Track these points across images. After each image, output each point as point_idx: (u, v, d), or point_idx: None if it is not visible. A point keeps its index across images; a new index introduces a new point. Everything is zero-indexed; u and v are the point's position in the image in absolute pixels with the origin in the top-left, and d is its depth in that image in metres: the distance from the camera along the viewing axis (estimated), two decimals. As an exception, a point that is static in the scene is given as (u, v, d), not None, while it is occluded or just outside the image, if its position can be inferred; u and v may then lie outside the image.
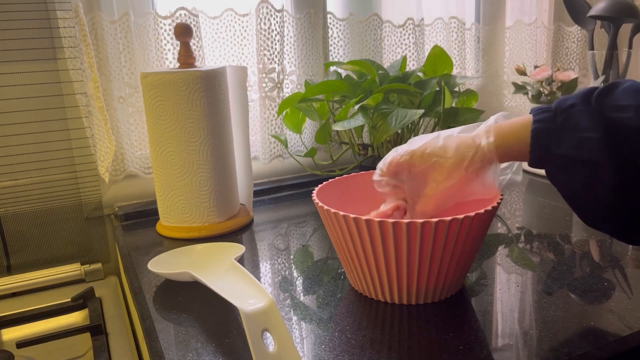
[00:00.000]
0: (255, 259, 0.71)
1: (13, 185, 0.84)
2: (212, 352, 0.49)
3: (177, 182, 0.77)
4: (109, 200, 0.91)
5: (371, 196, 0.68)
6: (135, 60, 0.87)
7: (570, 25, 1.26)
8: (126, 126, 0.90)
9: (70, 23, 0.81)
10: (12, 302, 0.78)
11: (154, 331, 0.54)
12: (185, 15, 0.88)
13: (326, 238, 0.76)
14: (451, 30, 1.14)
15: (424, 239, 0.50)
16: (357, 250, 0.54)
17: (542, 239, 0.73)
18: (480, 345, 0.48)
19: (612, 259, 0.66)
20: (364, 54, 1.06)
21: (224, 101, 0.79)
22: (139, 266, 0.69)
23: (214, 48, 0.94)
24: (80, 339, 0.69)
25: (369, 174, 0.68)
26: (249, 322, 0.45)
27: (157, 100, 0.74)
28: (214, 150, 0.77)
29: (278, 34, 0.95)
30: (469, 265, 0.57)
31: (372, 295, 0.58)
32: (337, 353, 0.48)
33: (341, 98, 0.93)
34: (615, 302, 0.55)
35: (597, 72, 1.09)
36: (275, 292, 0.61)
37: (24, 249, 0.86)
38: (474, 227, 0.52)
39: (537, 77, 1.07)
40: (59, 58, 0.83)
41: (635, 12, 1.03)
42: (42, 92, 0.83)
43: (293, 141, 1.04)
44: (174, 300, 0.60)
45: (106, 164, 0.85)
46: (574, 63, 1.29)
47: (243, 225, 0.82)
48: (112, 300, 0.78)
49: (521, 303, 0.56)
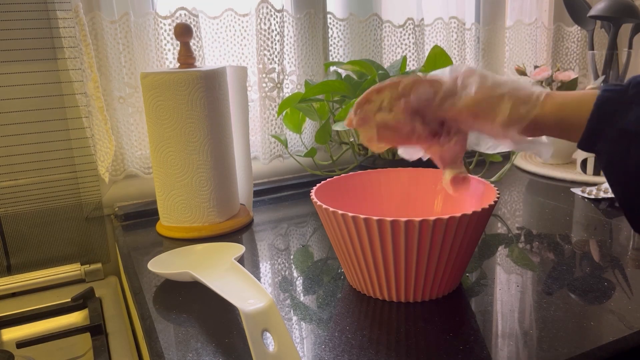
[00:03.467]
0: (255, 259, 0.71)
1: (13, 185, 0.84)
2: (212, 352, 0.49)
3: (177, 182, 0.77)
4: (109, 200, 0.91)
5: (369, 195, 0.68)
6: (135, 60, 0.87)
7: (570, 25, 1.26)
8: (126, 126, 0.90)
9: (70, 23, 0.81)
10: (12, 302, 0.78)
11: (154, 331, 0.54)
12: (185, 15, 0.88)
13: (326, 238, 0.76)
14: (451, 30, 1.14)
15: (422, 237, 0.50)
16: (356, 248, 0.54)
17: (542, 239, 0.73)
18: (480, 345, 0.48)
19: (612, 259, 0.66)
20: (364, 54, 1.06)
21: (224, 101, 0.79)
22: (139, 266, 0.69)
23: (214, 48, 0.94)
24: (80, 339, 0.69)
25: (367, 173, 0.68)
26: (249, 322, 0.45)
27: (157, 100, 0.74)
28: (214, 150, 0.77)
29: (278, 34, 0.95)
30: (466, 262, 0.58)
31: (370, 294, 0.58)
32: (337, 353, 0.48)
33: (341, 98, 0.93)
34: (615, 302, 0.55)
35: (597, 72, 1.09)
36: (275, 292, 0.61)
37: (24, 249, 0.86)
38: (471, 225, 0.52)
39: (537, 77, 1.07)
40: (59, 58, 0.83)
41: (635, 12, 1.04)
42: (42, 92, 0.83)
43: (293, 141, 1.04)
44: (174, 300, 0.60)
45: (106, 164, 0.85)
46: (574, 63, 1.29)
47: (243, 225, 0.82)
48: (112, 300, 0.78)
49: (521, 303, 0.56)
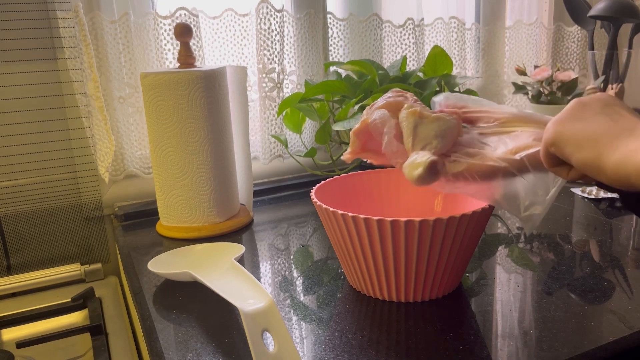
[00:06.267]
0: (255, 259, 0.71)
1: (13, 185, 0.84)
2: (212, 352, 0.49)
3: (177, 182, 0.77)
4: (109, 200, 0.91)
5: (369, 195, 0.68)
6: (135, 60, 0.87)
7: (570, 25, 1.26)
8: (126, 126, 0.90)
9: (70, 23, 0.81)
10: (12, 302, 0.78)
11: (154, 331, 0.54)
12: (185, 15, 0.88)
13: (326, 238, 0.76)
14: (451, 30, 1.13)
15: (422, 237, 0.50)
16: (356, 248, 0.54)
17: (542, 239, 0.73)
18: (480, 345, 0.48)
19: (612, 259, 0.66)
20: (364, 54, 1.06)
21: (224, 101, 0.79)
22: (139, 266, 0.69)
23: (214, 48, 0.94)
24: (80, 339, 0.69)
25: (367, 173, 0.68)
26: (249, 322, 0.45)
27: (157, 100, 0.74)
28: (214, 150, 0.77)
29: (278, 34, 0.95)
30: (466, 262, 0.58)
31: (370, 293, 0.58)
32: (337, 353, 0.48)
33: (341, 98, 0.93)
34: (615, 302, 0.55)
35: (597, 72, 1.09)
36: (275, 292, 0.61)
37: (24, 249, 0.86)
38: (471, 225, 0.52)
39: (537, 77, 1.07)
40: (59, 58, 0.83)
41: (635, 12, 1.03)
42: (42, 92, 0.83)
43: (293, 141, 1.04)
44: (174, 300, 0.60)
45: (106, 164, 0.85)
46: (574, 63, 1.29)
47: (243, 225, 0.82)
48: (112, 300, 0.78)
49: (521, 303, 0.56)
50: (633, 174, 0.34)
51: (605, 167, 0.36)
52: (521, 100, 1.25)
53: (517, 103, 1.26)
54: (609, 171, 0.36)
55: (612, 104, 0.40)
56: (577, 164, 0.38)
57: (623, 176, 0.35)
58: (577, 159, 0.38)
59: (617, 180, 0.36)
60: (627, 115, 0.39)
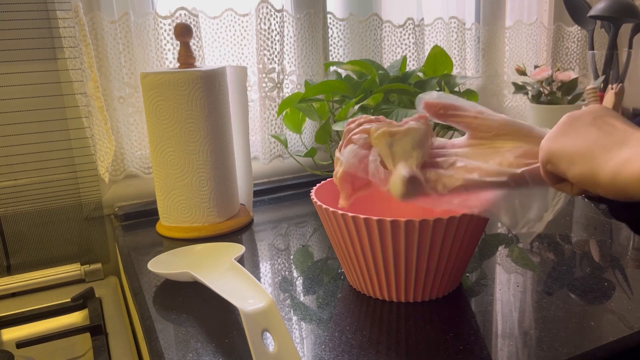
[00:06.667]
0: (255, 259, 0.71)
1: (13, 185, 0.84)
2: (212, 352, 0.49)
3: (177, 182, 0.77)
4: (109, 200, 0.91)
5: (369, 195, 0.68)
6: (135, 60, 0.87)
7: (570, 25, 1.26)
8: (126, 126, 0.90)
9: (70, 23, 0.81)
10: (12, 302, 0.78)
11: (154, 331, 0.54)
12: (185, 15, 0.88)
13: (326, 238, 0.76)
14: (451, 30, 1.13)
15: (421, 237, 0.50)
16: (356, 248, 0.54)
17: (542, 239, 0.73)
18: (480, 345, 0.48)
19: (612, 259, 0.66)
20: (364, 54, 1.06)
21: (224, 101, 0.79)
22: (138, 266, 0.69)
23: (214, 48, 0.94)
24: (80, 339, 0.69)
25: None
26: (249, 322, 0.45)
27: (157, 100, 0.74)
28: (214, 150, 0.77)
29: (278, 34, 0.95)
30: (466, 262, 0.58)
31: (370, 293, 0.58)
32: (337, 353, 0.48)
33: (341, 98, 0.93)
34: (615, 302, 0.55)
35: (597, 72, 1.09)
36: (275, 292, 0.61)
37: (24, 249, 0.86)
38: (471, 225, 0.52)
39: (537, 77, 1.07)
40: (59, 58, 0.83)
41: (635, 12, 1.04)
42: (42, 92, 0.83)
43: (293, 141, 1.04)
44: (174, 300, 0.60)
45: (106, 164, 0.85)
46: (574, 63, 1.29)
47: (243, 225, 0.82)
48: (112, 301, 0.78)
49: (521, 303, 0.56)
50: (630, 184, 0.34)
51: (600, 180, 0.36)
52: (521, 100, 1.25)
53: (517, 103, 1.26)
54: (605, 184, 0.35)
55: (602, 115, 0.40)
56: (574, 179, 0.38)
57: (620, 187, 0.34)
58: (572, 174, 0.38)
59: (614, 192, 0.35)
60: (619, 125, 0.38)
